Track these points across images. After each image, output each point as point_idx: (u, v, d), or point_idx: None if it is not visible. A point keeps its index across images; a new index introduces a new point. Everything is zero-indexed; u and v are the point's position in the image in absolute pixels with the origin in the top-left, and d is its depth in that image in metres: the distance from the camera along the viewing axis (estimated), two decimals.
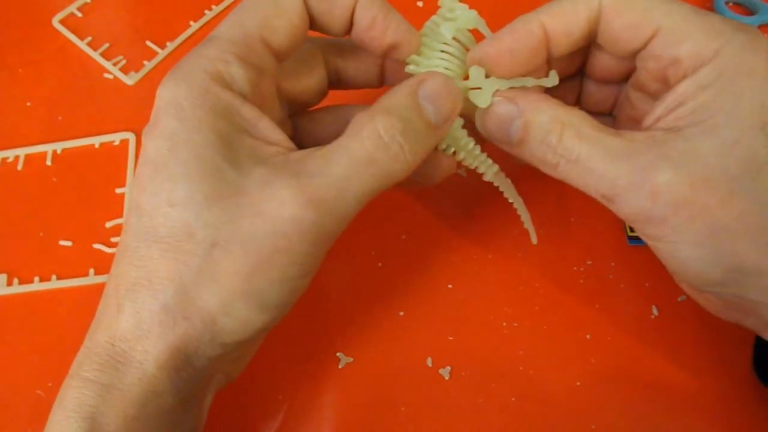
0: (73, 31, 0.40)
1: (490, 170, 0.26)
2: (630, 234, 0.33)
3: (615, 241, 0.33)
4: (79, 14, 0.41)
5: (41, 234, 0.33)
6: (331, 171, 0.20)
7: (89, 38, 0.40)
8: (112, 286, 0.21)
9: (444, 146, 0.25)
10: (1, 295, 0.31)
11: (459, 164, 0.26)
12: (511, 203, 0.28)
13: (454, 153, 0.25)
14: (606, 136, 0.22)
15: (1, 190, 0.34)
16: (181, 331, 0.20)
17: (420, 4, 0.41)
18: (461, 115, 0.24)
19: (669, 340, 0.30)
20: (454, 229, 0.33)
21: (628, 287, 0.31)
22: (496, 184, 0.27)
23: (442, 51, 0.24)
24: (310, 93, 0.27)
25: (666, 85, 0.23)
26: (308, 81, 0.26)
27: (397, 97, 0.22)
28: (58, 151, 0.36)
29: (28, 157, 0.35)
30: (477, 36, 0.25)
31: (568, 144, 0.22)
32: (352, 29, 0.24)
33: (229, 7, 0.42)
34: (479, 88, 0.24)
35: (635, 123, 0.26)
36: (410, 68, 0.24)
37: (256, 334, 0.21)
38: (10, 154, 0.35)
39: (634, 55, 0.24)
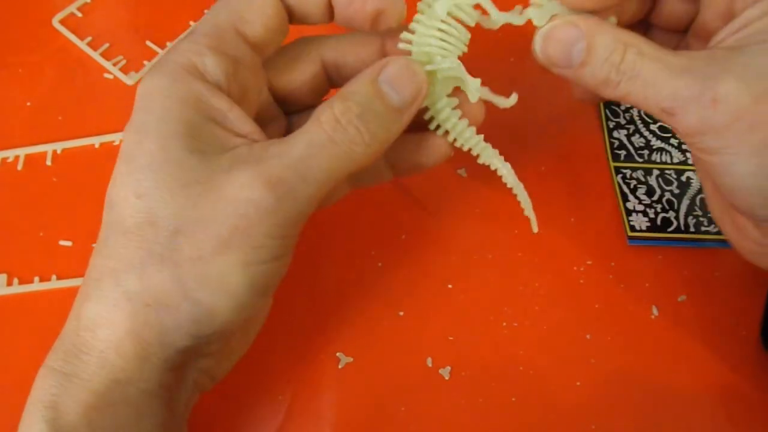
0: (73, 31, 0.40)
1: (484, 152, 0.26)
2: (630, 234, 0.33)
3: (615, 241, 0.33)
4: (79, 14, 0.41)
5: (41, 234, 0.33)
6: (290, 153, 0.21)
7: (89, 38, 0.40)
8: (85, 278, 0.22)
9: (434, 126, 0.25)
10: (1, 295, 0.31)
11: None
12: (510, 188, 0.27)
13: (447, 134, 0.25)
14: (667, 54, 0.22)
15: (1, 190, 0.34)
16: (143, 318, 0.20)
17: None
18: (454, 95, 0.24)
19: (669, 340, 0.30)
20: (454, 229, 0.33)
21: (628, 287, 0.31)
22: (492, 168, 0.26)
23: (439, 29, 0.24)
24: (304, 88, 0.26)
25: (729, 20, 0.24)
26: (300, 77, 0.26)
27: (357, 83, 0.22)
28: (58, 151, 0.36)
29: (28, 157, 0.35)
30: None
31: (631, 61, 0.22)
32: (334, 13, 0.24)
33: None
34: (540, 5, 0.24)
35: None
36: (401, 46, 0.24)
37: (223, 325, 0.21)
38: (10, 154, 0.35)
39: None
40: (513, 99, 0.25)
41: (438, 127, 0.25)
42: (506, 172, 0.26)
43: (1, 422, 0.28)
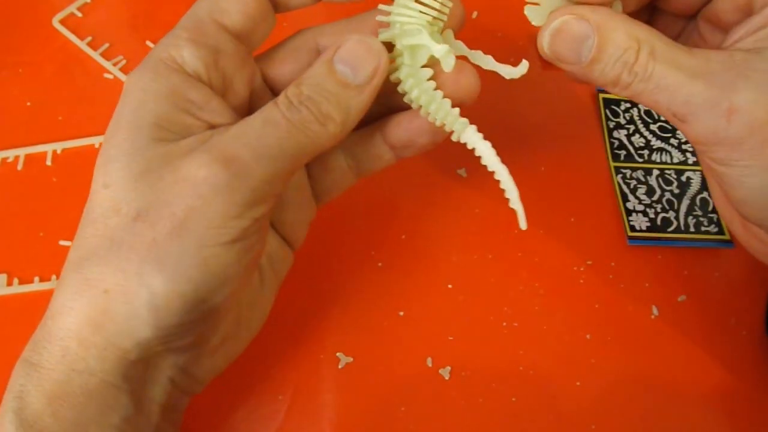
0: (73, 31, 0.40)
1: (462, 129, 0.23)
2: (630, 234, 0.33)
3: (615, 241, 0.33)
4: (79, 14, 0.41)
5: (41, 234, 0.33)
6: (245, 132, 0.21)
7: (89, 38, 0.40)
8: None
9: (408, 100, 0.23)
10: (1, 295, 0.31)
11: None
12: (492, 172, 0.23)
13: (419, 109, 0.23)
14: (681, 54, 0.21)
15: (1, 190, 0.34)
16: (101, 306, 0.20)
17: None
18: (429, 65, 0.23)
19: (669, 340, 0.30)
20: (454, 229, 0.33)
21: (628, 287, 0.31)
22: (470, 147, 0.23)
23: (417, 0, 0.23)
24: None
25: (747, 14, 0.23)
26: (294, 67, 0.26)
27: (312, 67, 0.22)
28: (58, 151, 0.35)
29: (28, 157, 0.35)
30: None
31: (644, 61, 0.21)
32: None
33: None
34: (536, 4, 0.23)
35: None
36: (380, 17, 0.23)
37: (183, 315, 0.20)
38: (10, 154, 0.35)
39: None
40: (523, 67, 0.23)
41: (411, 100, 0.24)
42: (486, 151, 0.23)
43: None
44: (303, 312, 0.30)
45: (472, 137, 0.23)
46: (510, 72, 0.24)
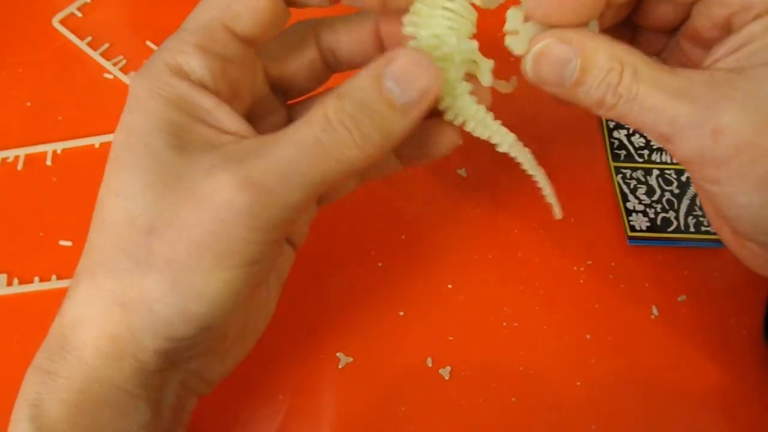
0: (73, 31, 0.40)
1: (505, 140, 0.23)
2: (630, 234, 0.33)
3: (615, 241, 0.33)
4: (79, 14, 0.41)
5: (41, 234, 0.33)
6: (274, 154, 0.19)
7: (89, 38, 0.40)
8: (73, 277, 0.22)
9: (452, 117, 0.23)
10: (1, 295, 0.31)
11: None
12: (531, 175, 0.25)
13: (463, 123, 0.23)
14: (664, 74, 0.21)
15: (1, 190, 0.34)
16: (118, 319, 0.20)
17: None
18: (468, 80, 0.23)
19: (669, 340, 0.30)
20: (454, 229, 0.33)
21: (628, 287, 0.31)
22: (512, 155, 0.24)
23: (444, 8, 0.22)
24: (302, 77, 0.25)
25: (726, 31, 0.23)
26: (297, 64, 0.25)
27: (358, 78, 0.20)
28: (58, 151, 0.35)
29: (28, 157, 0.35)
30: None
31: (627, 83, 0.21)
32: None
33: None
34: (515, 33, 0.22)
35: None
36: (407, 30, 0.22)
37: (200, 329, 0.20)
38: (10, 154, 0.35)
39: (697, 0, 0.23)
40: (513, 83, 0.24)
41: (455, 116, 0.23)
42: (526, 159, 0.24)
43: (3, 420, 0.28)
44: (303, 312, 0.30)
45: (515, 149, 0.24)
46: (504, 87, 0.24)
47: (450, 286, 0.31)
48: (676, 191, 0.34)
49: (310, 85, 0.26)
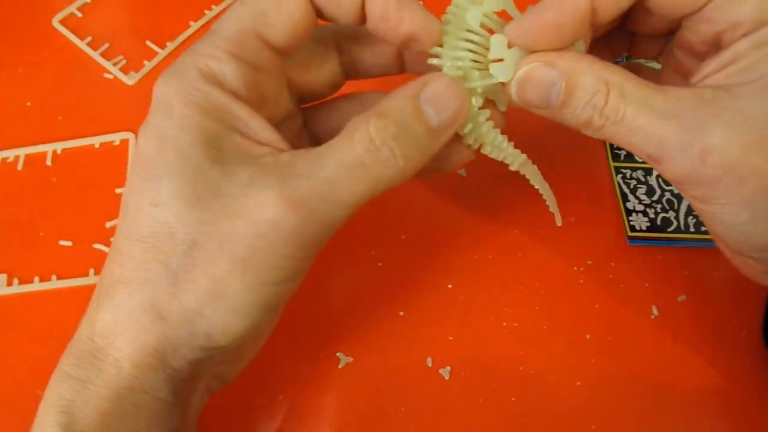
0: (73, 31, 0.40)
1: (517, 160, 0.25)
2: (630, 234, 0.33)
3: (615, 241, 0.33)
4: (79, 14, 0.41)
5: (41, 234, 0.33)
6: (317, 173, 0.20)
7: (89, 38, 0.40)
8: (99, 283, 0.21)
9: (471, 141, 0.24)
10: (1, 295, 0.31)
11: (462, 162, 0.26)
12: (537, 189, 0.26)
13: (480, 147, 0.24)
14: (651, 94, 0.21)
15: (1, 190, 0.34)
16: (157, 330, 0.20)
17: None
18: (485, 106, 0.23)
19: (669, 340, 0.30)
20: (454, 229, 0.33)
21: (628, 287, 0.31)
22: (522, 173, 0.26)
23: (467, 40, 0.22)
24: (321, 84, 0.26)
25: (716, 47, 0.22)
26: (319, 71, 0.25)
27: (397, 100, 0.21)
28: (58, 151, 0.36)
29: (28, 157, 0.35)
30: (505, 17, 0.23)
31: (614, 104, 0.21)
32: (366, 19, 0.23)
33: (228, 7, 0.42)
34: (500, 60, 0.22)
35: (682, 75, 0.26)
36: (434, 61, 0.23)
37: (236, 340, 0.21)
38: (10, 154, 0.35)
39: (684, 17, 0.23)
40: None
41: (474, 141, 0.24)
42: (534, 176, 0.26)
43: (4, 420, 0.28)
44: (303, 312, 0.30)
45: (525, 168, 0.25)
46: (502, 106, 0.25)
47: (450, 286, 0.31)
48: (676, 191, 0.34)
49: (328, 91, 0.27)
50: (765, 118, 0.20)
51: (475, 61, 0.23)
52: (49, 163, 0.35)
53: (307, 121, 0.27)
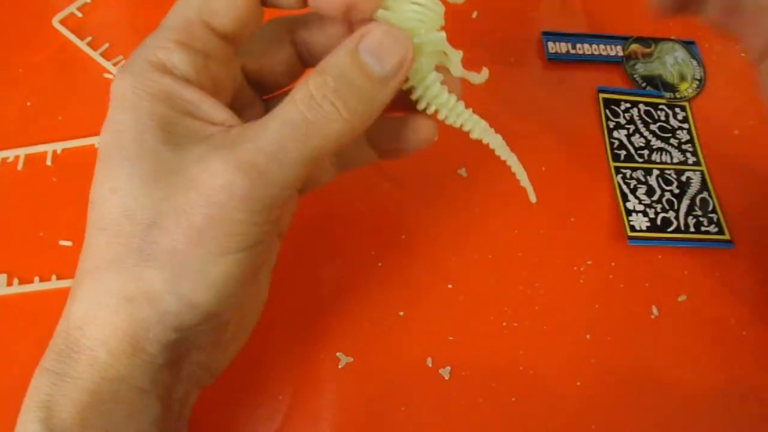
0: (73, 31, 0.40)
1: (477, 126, 0.24)
2: (630, 234, 0.33)
3: (615, 241, 0.33)
4: (79, 14, 0.41)
5: (41, 234, 0.33)
6: (263, 136, 0.20)
7: (89, 38, 0.40)
8: (74, 278, 0.22)
9: (424, 105, 0.24)
10: (1, 295, 0.31)
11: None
12: (504, 161, 0.26)
13: (436, 113, 0.24)
14: None
15: (1, 190, 0.34)
16: (126, 313, 0.20)
17: None
18: (438, 69, 0.23)
19: (669, 340, 0.30)
20: (454, 229, 0.33)
21: (628, 287, 0.31)
22: (485, 142, 0.25)
23: (413, 2, 0.22)
24: (278, 72, 0.26)
25: None
26: (274, 60, 0.25)
27: (335, 55, 0.21)
28: (58, 151, 0.35)
29: (28, 157, 0.35)
30: None
31: None
32: (308, 1, 0.23)
33: None
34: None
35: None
36: (378, 14, 0.22)
37: (207, 316, 0.21)
38: (10, 154, 0.35)
39: None
40: (484, 74, 0.24)
41: (427, 105, 0.24)
42: (498, 144, 0.25)
43: (4, 420, 0.28)
44: (303, 312, 0.30)
45: (486, 135, 0.24)
46: (475, 78, 0.24)
47: (450, 286, 0.31)
48: (676, 191, 0.34)
49: (286, 80, 0.27)
50: None
51: (421, 21, 0.22)
52: (49, 163, 0.35)
53: (269, 110, 0.27)
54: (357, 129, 0.21)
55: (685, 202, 0.34)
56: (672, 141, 0.36)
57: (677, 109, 0.38)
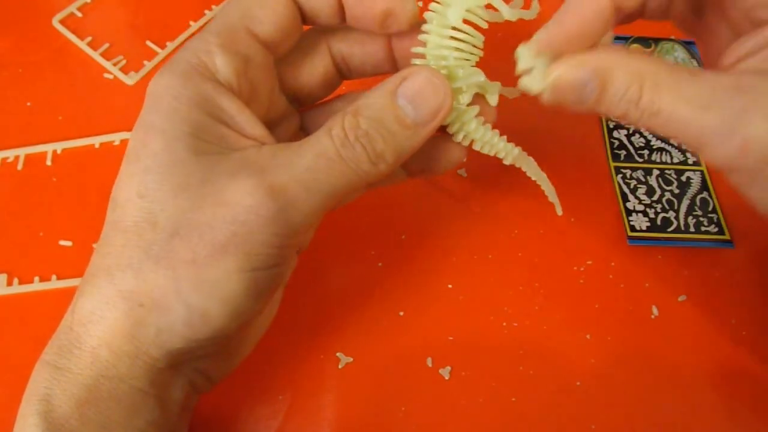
0: (73, 31, 0.40)
1: (510, 154, 0.25)
2: (630, 234, 0.33)
3: (615, 241, 0.33)
4: (79, 14, 0.41)
5: (41, 234, 0.33)
6: (297, 162, 0.20)
7: (89, 38, 0.40)
8: (84, 274, 0.22)
9: (460, 138, 0.24)
10: (1, 295, 0.31)
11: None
12: (534, 180, 0.27)
13: (471, 143, 0.24)
14: (687, 83, 0.20)
15: (1, 190, 0.34)
16: (136, 317, 0.20)
17: None
18: (475, 102, 0.23)
19: (669, 340, 0.30)
20: (454, 229, 0.33)
21: (628, 287, 0.31)
22: (517, 166, 0.26)
23: (451, 38, 0.22)
24: (315, 84, 0.26)
25: (751, 24, 0.22)
26: (312, 71, 0.26)
27: (373, 96, 0.21)
28: (58, 151, 0.36)
29: (28, 157, 0.35)
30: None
31: (649, 97, 0.21)
32: (345, 13, 0.23)
33: None
34: (529, 71, 0.22)
35: (714, 47, 0.25)
36: (416, 62, 0.23)
37: (217, 330, 0.21)
38: (10, 154, 0.35)
39: None
40: (519, 89, 0.24)
41: (463, 138, 0.24)
42: (531, 168, 0.26)
43: (4, 420, 0.28)
44: (303, 312, 0.30)
45: (520, 160, 0.25)
46: (512, 93, 0.25)
47: (450, 286, 0.31)
48: (676, 191, 0.34)
49: (323, 92, 0.27)
50: None
51: (463, 59, 0.23)
52: (49, 163, 0.35)
53: (305, 122, 0.27)
54: (385, 170, 0.22)
55: (685, 202, 0.34)
56: (672, 141, 0.36)
57: None
